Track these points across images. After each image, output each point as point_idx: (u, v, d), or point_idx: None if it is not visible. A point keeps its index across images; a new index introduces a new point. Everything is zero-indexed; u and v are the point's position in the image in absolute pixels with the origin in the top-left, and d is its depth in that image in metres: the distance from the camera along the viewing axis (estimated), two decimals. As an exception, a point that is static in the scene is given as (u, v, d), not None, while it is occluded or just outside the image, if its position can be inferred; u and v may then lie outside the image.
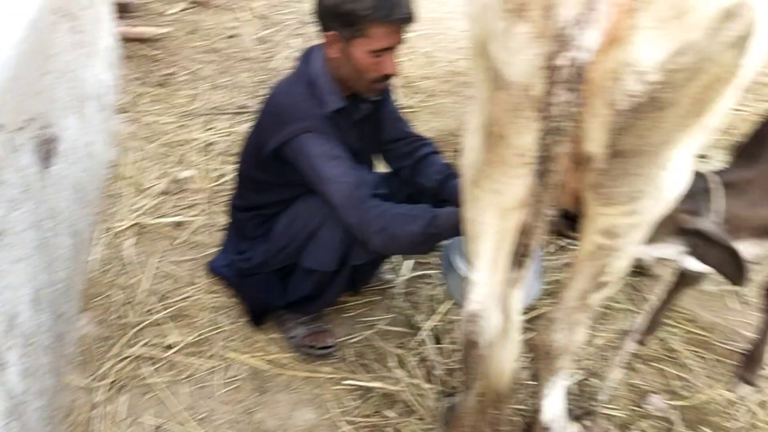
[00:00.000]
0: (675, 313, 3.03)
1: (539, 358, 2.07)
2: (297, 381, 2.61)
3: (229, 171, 3.55)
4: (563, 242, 3.28)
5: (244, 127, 3.91)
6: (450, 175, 2.59)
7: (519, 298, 1.65)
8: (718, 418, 2.59)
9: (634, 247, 1.88)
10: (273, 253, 2.56)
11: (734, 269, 2.12)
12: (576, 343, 2.05)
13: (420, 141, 2.70)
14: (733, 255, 2.10)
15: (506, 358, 1.76)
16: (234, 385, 2.55)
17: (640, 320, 2.68)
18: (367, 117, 2.53)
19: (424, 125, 4.22)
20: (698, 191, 2.20)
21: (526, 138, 1.61)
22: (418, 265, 3.18)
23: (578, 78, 1.29)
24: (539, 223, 1.45)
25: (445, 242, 2.49)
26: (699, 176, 2.24)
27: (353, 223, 2.27)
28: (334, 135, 2.33)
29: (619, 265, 1.90)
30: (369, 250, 2.37)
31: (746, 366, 2.71)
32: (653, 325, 2.85)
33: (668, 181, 1.71)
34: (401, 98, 4.43)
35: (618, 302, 3.06)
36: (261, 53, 4.74)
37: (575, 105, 1.32)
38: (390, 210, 2.26)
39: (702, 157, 4.01)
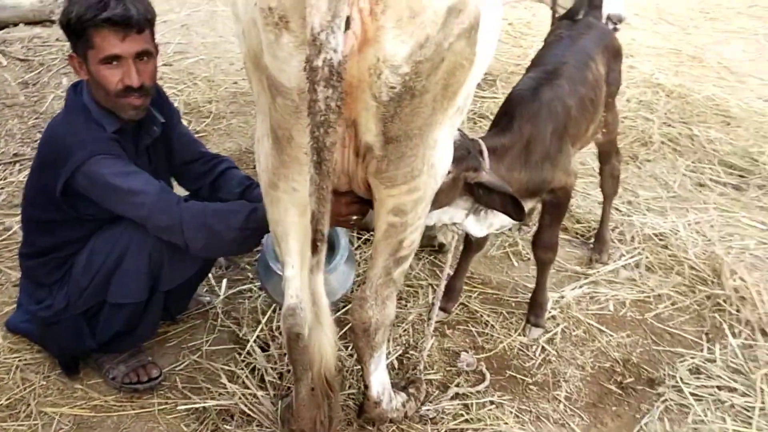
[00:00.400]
0: (471, 279, 3.41)
1: (359, 337, 2.26)
2: (127, 420, 2.55)
3: (14, 223, 3.32)
4: (367, 235, 3.52)
5: (22, 175, 3.67)
6: (251, 185, 2.68)
7: (320, 283, 1.81)
8: (519, 360, 2.98)
9: (421, 221, 2.14)
10: (75, 296, 2.46)
11: (515, 209, 2.47)
12: (389, 317, 2.26)
13: (217, 159, 2.76)
14: (512, 198, 2.46)
15: (325, 343, 1.90)
16: (59, 440, 2.43)
17: (439, 292, 2.99)
18: (155, 142, 2.54)
19: (216, 147, 4.26)
20: (474, 153, 2.52)
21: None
22: (233, 282, 3.23)
23: (335, 76, 1.49)
24: (324, 208, 1.61)
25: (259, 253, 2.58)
26: (472, 140, 2.56)
27: (168, 225, 2.24)
28: (123, 154, 2.31)
29: (413, 238, 2.15)
30: (178, 270, 2.39)
31: (534, 312, 3.14)
32: (454, 293, 3.19)
33: (438, 158, 1.99)
34: (190, 125, 4.43)
35: (422, 279, 3.36)
36: (28, 97, 4.45)
37: (337, 100, 1.51)
38: (207, 207, 2.28)
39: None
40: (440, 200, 2.38)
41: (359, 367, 2.47)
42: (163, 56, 5.23)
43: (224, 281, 3.20)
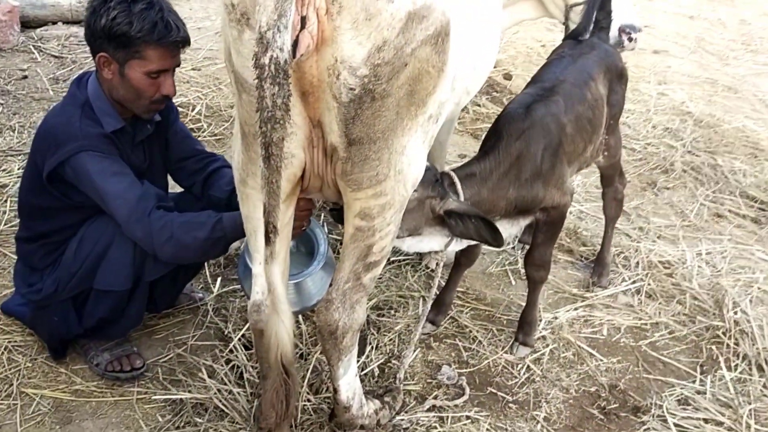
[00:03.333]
0: (465, 294, 3.39)
1: (325, 339, 2.27)
2: (105, 406, 2.61)
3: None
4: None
5: (39, 166, 3.80)
6: (240, 184, 2.74)
7: (278, 273, 1.85)
8: (502, 378, 2.94)
9: (393, 227, 2.15)
10: (64, 281, 2.54)
11: (490, 233, 2.47)
12: (357, 321, 2.26)
13: (211, 157, 2.83)
14: (485, 221, 2.45)
15: (282, 330, 1.93)
16: (35, 421, 2.50)
17: (427, 306, 2.98)
18: (150, 138, 2.62)
19: (231, 151, 4.35)
20: (447, 186, 2.53)
21: (276, 134, 1.82)
22: (228, 281, 3.28)
23: (281, 74, 1.53)
24: (275, 202, 1.65)
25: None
26: (444, 174, 2.58)
27: (139, 236, 2.35)
28: (114, 153, 2.39)
29: (382, 245, 2.16)
30: (162, 262, 2.46)
31: (523, 330, 3.10)
32: (443, 307, 3.18)
33: (406, 164, 2.00)
34: (209, 127, 4.54)
35: (414, 291, 3.36)
36: (56, 93, 4.62)
37: (283, 97, 1.54)
38: (175, 219, 2.36)
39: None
40: (407, 223, 2.40)
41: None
42: (193, 61, 5.38)
43: (219, 279, 3.26)
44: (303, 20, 1.55)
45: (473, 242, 2.77)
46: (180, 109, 4.65)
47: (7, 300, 2.88)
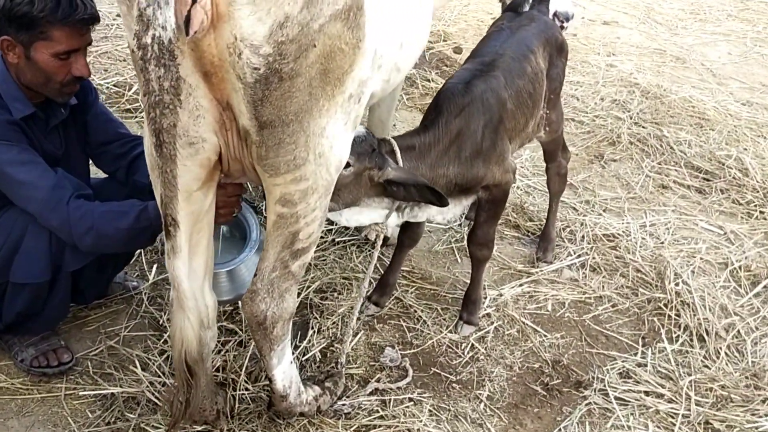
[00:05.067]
0: (410, 273, 3.34)
1: (254, 330, 2.19)
2: (32, 404, 2.50)
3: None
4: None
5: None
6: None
7: (181, 267, 1.76)
8: (446, 358, 2.91)
9: (319, 212, 2.06)
10: (-23, 277, 2.41)
11: (433, 195, 2.41)
12: (287, 310, 2.19)
13: (135, 140, 2.69)
14: (427, 186, 2.39)
15: (187, 326, 1.85)
16: (-45, 422, 2.38)
17: (363, 287, 2.92)
18: (66, 122, 2.48)
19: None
20: (381, 151, 2.46)
21: (183, 117, 1.71)
22: (163, 268, 3.17)
23: (166, 55, 1.41)
24: (171, 193, 1.55)
25: None
26: (383, 141, 2.50)
27: (56, 226, 2.22)
28: (23, 141, 2.26)
29: (309, 231, 2.07)
30: (83, 252, 2.34)
31: (467, 309, 3.06)
32: (387, 287, 3.12)
33: (327, 147, 1.91)
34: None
35: (359, 272, 3.29)
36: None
37: (171, 80, 1.43)
38: (96, 209, 2.24)
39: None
40: (344, 197, 2.33)
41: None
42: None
43: (155, 266, 3.15)
44: None
45: (415, 219, 2.72)
46: (116, 88, 4.50)
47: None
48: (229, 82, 1.64)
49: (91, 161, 2.74)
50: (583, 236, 3.67)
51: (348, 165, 2.26)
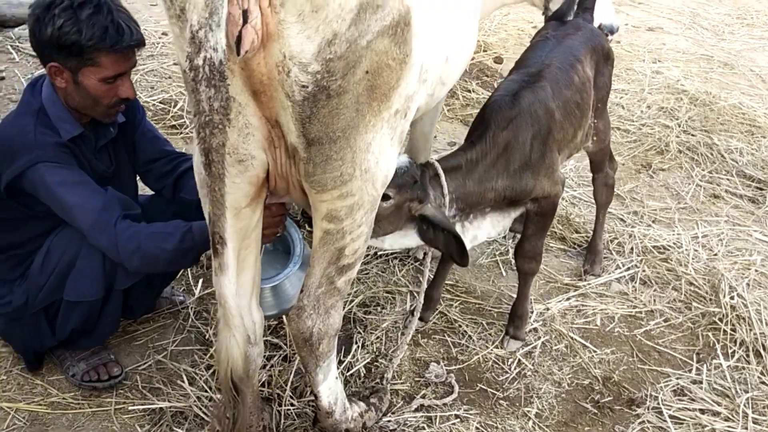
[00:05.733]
0: (454, 287, 3.31)
1: (300, 347, 2.19)
2: (82, 418, 2.53)
3: None
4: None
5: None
6: (211, 185, 2.64)
7: (229, 285, 1.76)
8: (492, 374, 2.86)
9: (365, 228, 2.05)
10: (34, 293, 2.46)
11: (457, 250, 2.39)
12: (333, 327, 2.18)
13: (181, 157, 2.73)
14: (455, 238, 2.37)
15: (233, 345, 1.84)
16: (10, 435, 2.43)
17: (419, 299, 2.90)
18: (115, 140, 2.53)
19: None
20: (429, 178, 2.44)
21: (232, 135, 1.71)
22: (209, 283, 3.19)
23: (217, 75, 1.42)
24: (219, 211, 1.55)
25: None
26: (427, 165, 2.49)
27: (104, 246, 2.26)
28: (72, 162, 2.30)
29: (355, 247, 2.06)
30: (131, 272, 2.37)
31: (513, 324, 3.01)
32: (431, 302, 3.09)
33: (373, 163, 1.90)
34: (191, 124, 4.44)
35: (402, 286, 3.27)
36: (35, 94, 4.53)
37: (221, 100, 1.43)
38: (142, 230, 2.27)
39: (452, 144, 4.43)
40: (383, 227, 2.32)
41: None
42: (174, 56, 5.27)
43: (200, 281, 3.18)
44: (245, 14, 1.44)
45: (475, 241, 2.70)
46: (162, 105, 4.58)
47: (-23, 311, 2.80)
48: (277, 100, 1.64)
49: (138, 179, 2.79)
50: (632, 248, 3.58)
51: (388, 197, 2.26)
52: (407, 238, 2.55)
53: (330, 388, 2.33)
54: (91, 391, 2.62)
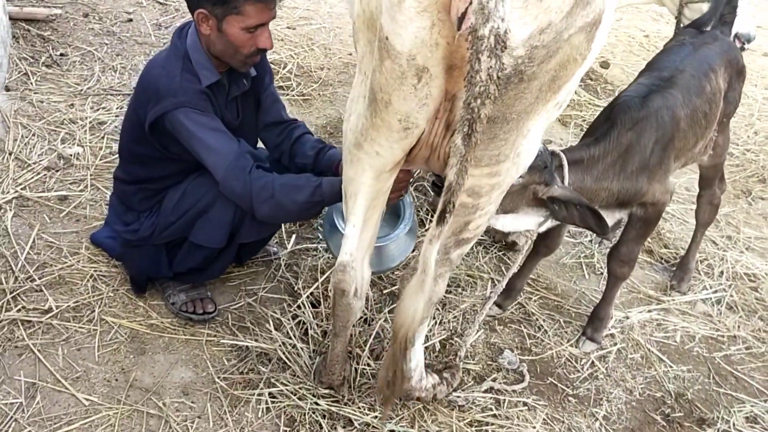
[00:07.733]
0: (535, 282, 3.34)
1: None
2: (176, 343, 2.72)
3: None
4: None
5: (136, 107, 3.95)
6: (323, 148, 2.75)
7: (435, 253, 1.79)
8: (564, 370, 2.89)
9: (493, 207, 2.11)
10: (161, 228, 2.64)
11: (594, 220, 2.41)
12: (437, 294, 2.26)
13: (292, 124, 2.85)
14: (591, 209, 2.39)
15: (420, 310, 1.88)
16: (111, 347, 2.63)
17: (500, 287, 2.95)
18: (245, 94, 2.66)
19: (318, 112, 4.40)
20: (552, 168, 2.48)
21: (409, 104, 1.79)
22: (301, 239, 3.34)
23: (500, 45, 1.45)
24: (462, 180, 1.60)
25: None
26: (553, 154, 2.52)
27: (238, 192, 2.39)
28: (210, 110, 2.44)
29: (479, 222, 2.12)
30: (256, 228, 2.52)
31: (592, 325, 3.02)
32: (513, 292, 3.13)
33: (526, 148, 1.96)
34: (298, 87, 4.59)
35: (484, 272, 3.33)
36: (158, 38, 4.77)
37: (499, 70, 1.47)
38: (275, 180, 2.40)
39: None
40: (504, 204, 2.36)
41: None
42: (289, 19, 5.45)
43: (293, 237, 3.32)
44: None
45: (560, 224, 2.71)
46: (272, 66, 4.75)
47: (96, 231, 3.02)
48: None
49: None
50: (722, 272, 3.52)
51: (519, 177, 2.30)
52: (519, 222, 2.59)
53: (415, 355, 2.42)
54: (187, 321, 2.80)
